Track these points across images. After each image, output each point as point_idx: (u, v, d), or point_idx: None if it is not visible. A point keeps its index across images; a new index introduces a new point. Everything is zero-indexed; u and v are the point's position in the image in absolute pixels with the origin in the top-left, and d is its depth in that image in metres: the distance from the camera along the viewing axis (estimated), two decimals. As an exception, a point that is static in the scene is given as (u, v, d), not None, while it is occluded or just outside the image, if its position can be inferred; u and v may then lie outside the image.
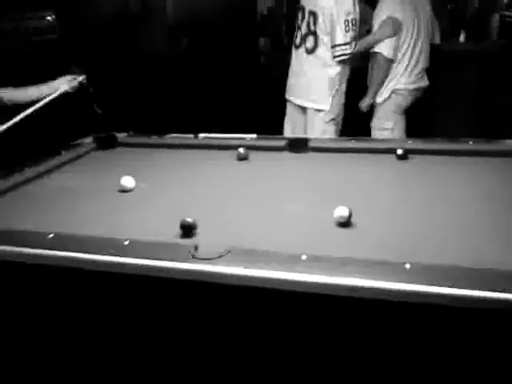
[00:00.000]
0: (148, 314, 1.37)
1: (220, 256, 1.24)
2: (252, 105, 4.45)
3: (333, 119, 3.16)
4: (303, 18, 3.11)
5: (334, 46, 3.01)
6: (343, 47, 2.99)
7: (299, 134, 3.17)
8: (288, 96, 3.32)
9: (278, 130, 3.32)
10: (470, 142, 2.16)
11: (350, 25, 2.97)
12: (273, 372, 1.34)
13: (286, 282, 1.17)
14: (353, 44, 3.03)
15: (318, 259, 1.22)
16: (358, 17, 3.03)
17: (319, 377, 1.30)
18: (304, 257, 1.23)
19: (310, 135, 3.06)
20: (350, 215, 1.48)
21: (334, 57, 3.04)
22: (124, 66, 4.32)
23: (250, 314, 1.28)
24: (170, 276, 1.27)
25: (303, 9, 3.11)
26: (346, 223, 1.48)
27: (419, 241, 1.37)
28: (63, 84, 2.35)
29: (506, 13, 7.71)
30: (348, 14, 2.95)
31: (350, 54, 3.03)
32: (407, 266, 1.17)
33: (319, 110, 3.14)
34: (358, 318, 1.19)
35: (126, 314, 1.40)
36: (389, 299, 1.12)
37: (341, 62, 3.07)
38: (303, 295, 1.18)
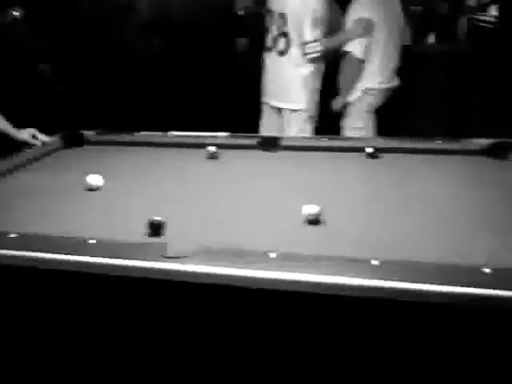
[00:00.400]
0: (117, 313, 1.34)
1: (189, 255, 1.22)
2: (227, 104, 4.42)
3: (309, 117, 3.19)
4: (272, 20, 3.14)
5: (303, 44, 3.04)
6: (313, 44, 3.02)
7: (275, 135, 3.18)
8: (264, 98, 3.34)
9: (254, 129, 3.32)
10: (439, 141, 2.20)
11: (318, 23, 3.01)
12: (246, 370, 1.33)
13: (253, 279, 1.16)
14: (323, 41, 3.06)
15: (287, 257, 1.22)
16: (325, 15, 3.07)
17: (290, 374, 1.30)
18: (273, 254, 1.22)
19: (287, 135, 3.07)
20: (320, 213, 1.48)
21: (305, 54, 3.06)
22: (97, 64, 4.26)
23: (220, 313, 1.26)
24: (139, 275, 1.24)
25: (272, 12, 3.14)
26: (315, 221, 1.48)
27: (387, 237, 1.38)
28: (25, 134, 2.28)
29: (474, 16, 7.90)
30: (315, 11, 3.00)
31: (320, 51, 3.06)
32: (374, 262, 1.17)
33: (295, 110, 3.16)
34: (324, 314, 1.19)
35: (93, 314, 1.37)
36: (354, 295, 1.13)
37: (312, 60, 3.09)
38: (272, 292, 1.17)
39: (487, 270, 1.13)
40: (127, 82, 4.36)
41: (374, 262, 1.18)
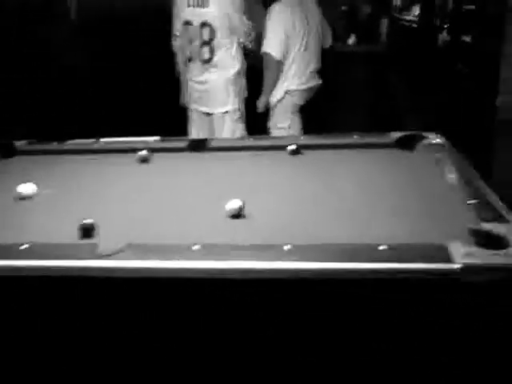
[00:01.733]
0: (55, 314, 1.41)
1: (117, 252, 1.33)
2: (157, 110, 4.48)
3: (240, 117, 3.33)
4: (192, 31, 3.22)
5: (248, 35, 3.23)
6: (252, 32, 3.25)
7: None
8: (191, 106, 3.44)
9: (182, 134, 3.42)
10: (355, 136, 2.38)
11: (246, 12, 3.22)
12: (182, 362, 1.43)
13: (179, 270, 1.29)
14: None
15: (209, 247, 1.34)
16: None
17: (225, 363, 1.41)
18: (196, 246, 1.35)
19: (220, 137, 3.20)
20: (242, 207, 1.61)
21: (250, 42, 3.26)
22: (24, 69, 4.20)
23: (151, 304, 1.37)
24: (72, 274, 1.34)
25: (190, 23, 3.23)
26: (238, 215, 1.61)
27: (302, 225, 1.54)
28: None
29: (399, 15, 8.30)
30: (241, 4, 3.19)
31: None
32: (286, 247, 1.32)
33: (226, 112, 3.29)
34: (248, 298, 1.32)
35: (33, 316, 1.44)
36: (271, 277, 1.27)
37: (238, 61, 3.27)
38: (196, 281, 1.29)
39: (382, 247, 1.30)
40: (56, 89, 4.33)
41: (286, 247, 1.33)
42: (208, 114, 3.38)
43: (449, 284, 1.23)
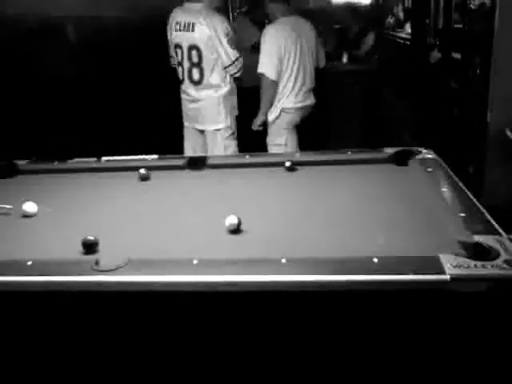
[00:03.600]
0: (58, 328, 1.45)
1: (118, 267, 1.37)
2: (159, 127, 4.55)
3: (232, 134, 3.45)
4: (182, 54, 3.35)
5: (230, 65, 3.31)
6: (237, 62, 3.34)
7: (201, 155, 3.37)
8: (186, 123, 3.56)
9: (179, 151, 3.50)
10: (350, 152, 2.44)
11: (232, 41, 3.32)
12: (183, 373, 1.47)
13: (179, 284, 1.33)
14: (242, 58, 3.37)
15: (207, 262, 1.39)
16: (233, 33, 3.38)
17: (223, 374, 1.45)
18: (195, 261, 1.39)
19: (213, 153, 3.27)
20: (240, 223, 1.66)
21: (233, 74, 3.35)
22: (23, 89, 4.26)
23: (152, 317, 1.41)
24: (75, 289, 1.38)
25: (180, 46, 3.36)
26: (236, 230, 1.66)
27: (298, 240, 1.58)
28: None
29: (392, 32, 8.44)
30: (227, 34, 3.29)
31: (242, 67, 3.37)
32: (283, 260, 1.37)
33: (218, 130, 3.39)
34: (244, 311, 1.37)
35: (35, 330, 1.47)
36: (268, 290, 1.31)
37: (229, 80, 3.38)
38: (196, 294, 1.34)
39: (375, 260, 1.35)
40: (56, 108, 4.39)
41: (283, 261, 1.37)
42: (201, 131, 3.49)
43: (440, 294, 1.27)
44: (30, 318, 1.44)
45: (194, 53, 3.29)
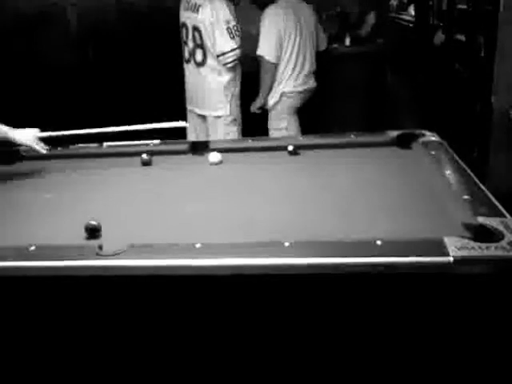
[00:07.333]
0: (63, 313, 1.46)
1: (120, 252, 1.37)
2: (160, 112, 4.53)
3: (233, 121, 3.37)
4: (187, 33, 3.30)
5: (223, 54, 3.18)
6: (232, 53, 3.19)
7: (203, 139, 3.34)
8: (188, 106, 3.50)
9: (182, 135, 3.47)
10: (352, 136, 2.42)
11: (234, 31, 3.18)
12: (186, 359, 1.48)
13: (181, 267, 1.33)
14: (239, 50, 3.22)
15: (211, 246, 1.39)
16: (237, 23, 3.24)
17: (225, 359, 1.46)
18: (198, 245, 1.39)
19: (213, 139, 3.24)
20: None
21: (225, 64, 3.22)
22: (26, 77, 4.25)
23: (154, 301, 1.41)
24: (78, 274, 1.38)
25: (186, 25, 3.30)
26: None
27: (301, 223, 1.58)
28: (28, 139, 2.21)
29: (396, 14, 8.35)
30: (228, 22, 3.16)
31: (239, 58, 3.24)
32: (286, 243, 1.36)
33: (219, 116, 3.34)
34: (246, 294, 1.37)
35: (39, 315, 1.48)
36: (271, 273, 1.31)
37: (232, 68, 3.27)
38: (197, 278, 1.34)
39: (379, 242, 1.34)
40: (58, 94, 4.38)
41: (286, 244, 1.37)
42: (202, 117, 3.44)
43: (444, 276, 1.27)
44: (34, 303, 1.45)
45: (196, 34, 3.24)
